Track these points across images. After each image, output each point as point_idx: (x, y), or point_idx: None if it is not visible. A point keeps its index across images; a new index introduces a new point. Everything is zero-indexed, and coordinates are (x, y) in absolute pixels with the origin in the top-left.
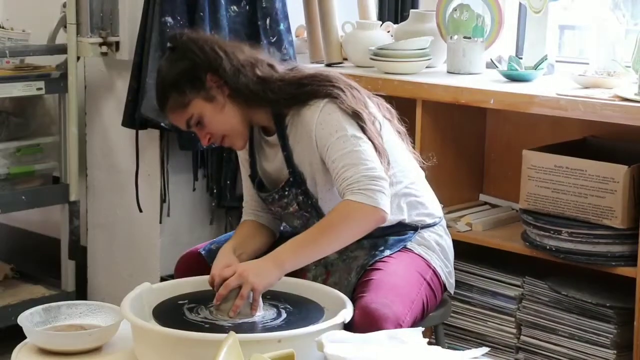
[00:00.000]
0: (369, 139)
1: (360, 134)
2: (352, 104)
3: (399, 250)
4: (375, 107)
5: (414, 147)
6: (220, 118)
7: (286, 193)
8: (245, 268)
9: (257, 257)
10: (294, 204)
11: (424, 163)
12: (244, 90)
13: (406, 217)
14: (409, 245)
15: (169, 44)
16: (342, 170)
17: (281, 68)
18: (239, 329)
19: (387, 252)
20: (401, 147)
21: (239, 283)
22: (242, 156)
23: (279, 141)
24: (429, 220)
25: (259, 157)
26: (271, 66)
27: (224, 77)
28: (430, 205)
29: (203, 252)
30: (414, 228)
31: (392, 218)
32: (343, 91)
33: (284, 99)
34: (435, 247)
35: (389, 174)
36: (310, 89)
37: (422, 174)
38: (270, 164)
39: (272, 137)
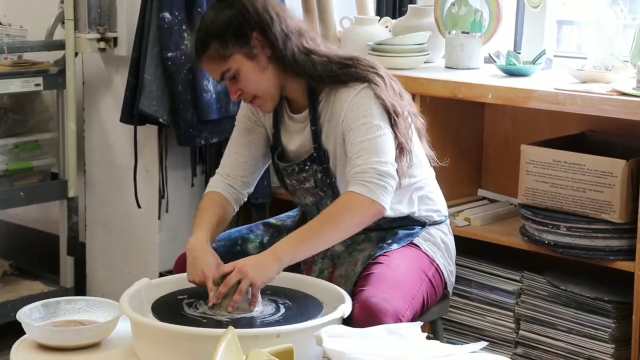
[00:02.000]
0: (397, 133)
1: (386, 125)
2: (389, 95)
3: (404, 245)
4: (406, 102)
5: (429, 145)
6: (257, 78)
7: (307, 167)
8: (244, 263)
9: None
10: (312, 180)
11: (437, 163)
12: (288, 57)
13: (416, 210)
14: (416, 240)
15: None
16: (355, 156)
17: (322, 44)
18: (238, 324)
19: (395, 246)
20: (418, 143)
21: (239, 278)
22: (248, 118)
23: (310, 115)
24: (436, 217)
25: (282, 131)
26: (314, 40)
27: (270, 39)
28: (438, 202)
29: None
30: (422, 224)
31: (403, 210)
32: (384, 80)
33: (326, 76)
34: (441, 245)
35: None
36: (353, 72)
37: (433, 172)
38: (293, 140)
39: (299, 114)
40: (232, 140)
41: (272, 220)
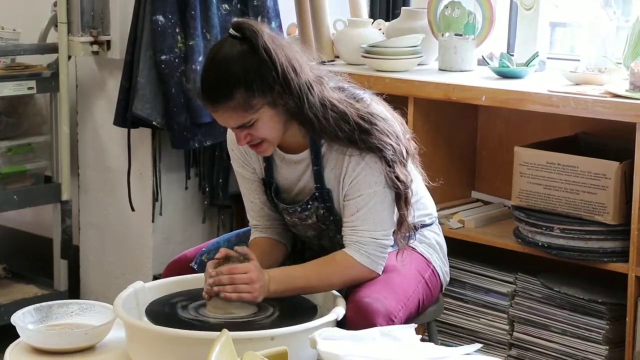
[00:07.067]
0: (400, 206)
1: (392, 192)
2: (396, 167)
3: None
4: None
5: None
6: (272, 125)
7: (308, 206)
8: (258, 277)
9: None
10: (314, 216)
11: (430, 183)
12: (303, 110)
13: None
14: (411, 243)
15: (235, 32)
16: (360, 222)
17: (338, 94)
18: (232, 326)
19: (390, 249)
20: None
21: (246, 283)
22: (244, 170)
23: (311, 155)
24: (427, 221)
25: (274, 166)
26: (329, 79)
27: (292, 92)
28: (429, 205)
29: (195, 267)
30: (415, 227)
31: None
32: (394, 150)
33: (345, 138)
34: (436, 246)
35: None
36: (368, 140)
37: (421, 175)
38: (288, 177)
39: (296, 155)
40: (244, 192)
41: None
